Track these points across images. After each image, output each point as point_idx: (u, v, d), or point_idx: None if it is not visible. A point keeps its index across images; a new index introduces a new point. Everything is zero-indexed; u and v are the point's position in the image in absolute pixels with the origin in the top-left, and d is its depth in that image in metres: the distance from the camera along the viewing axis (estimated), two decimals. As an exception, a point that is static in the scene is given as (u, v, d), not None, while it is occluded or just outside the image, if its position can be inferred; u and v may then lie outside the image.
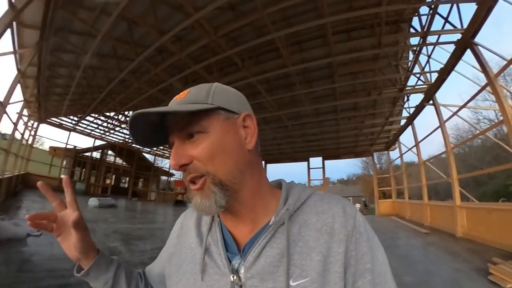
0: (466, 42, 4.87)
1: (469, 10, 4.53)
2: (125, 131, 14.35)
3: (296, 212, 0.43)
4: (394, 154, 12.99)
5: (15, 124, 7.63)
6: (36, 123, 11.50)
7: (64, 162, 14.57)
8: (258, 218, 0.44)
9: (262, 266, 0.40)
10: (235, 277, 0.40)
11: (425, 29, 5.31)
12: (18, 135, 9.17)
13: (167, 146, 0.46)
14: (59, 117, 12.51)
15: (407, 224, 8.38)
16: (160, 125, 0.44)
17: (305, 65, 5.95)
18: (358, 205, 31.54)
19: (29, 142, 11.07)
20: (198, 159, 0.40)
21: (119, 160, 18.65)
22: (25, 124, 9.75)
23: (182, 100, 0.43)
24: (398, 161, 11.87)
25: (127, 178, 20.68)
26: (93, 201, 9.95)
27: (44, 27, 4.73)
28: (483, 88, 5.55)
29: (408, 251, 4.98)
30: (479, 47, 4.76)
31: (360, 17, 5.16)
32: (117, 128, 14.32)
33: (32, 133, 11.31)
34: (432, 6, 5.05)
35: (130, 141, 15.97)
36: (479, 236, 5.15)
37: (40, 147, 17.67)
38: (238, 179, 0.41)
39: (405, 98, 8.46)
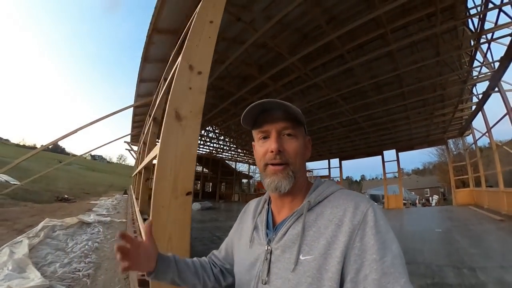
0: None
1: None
2: (210, 144, 16.92)
3: (318, 204, 0.58)
4: (470, 139, 12.37)
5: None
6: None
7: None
8: (294, 204, 0.62)
9: (285, 241, 0.56)
10: (268, 247, 0.59)
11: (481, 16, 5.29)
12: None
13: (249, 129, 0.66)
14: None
15: (482, 212, 8.52)
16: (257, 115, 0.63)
17: (375, 80, 7.51)
18: (436, 197, 28.31)
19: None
20: (288, 152, 0.59)
21: (205, 169, 23.01)
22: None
23: (292, 112, 0.60)
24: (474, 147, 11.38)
25: (210, 184, 25.07)
26: (196, 205, 12.15)
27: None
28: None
29: (470, 226, 5.97)
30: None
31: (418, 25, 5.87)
32: (202, 142, 16.57)
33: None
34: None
35: (214, 152, 19.03)
36: None
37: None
38: (299, 174, 0.61)
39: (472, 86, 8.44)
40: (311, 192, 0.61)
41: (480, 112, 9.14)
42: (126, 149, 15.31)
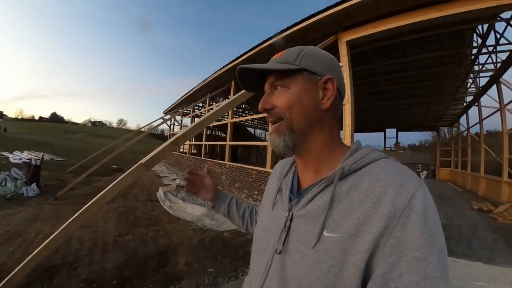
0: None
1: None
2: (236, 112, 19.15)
3: (354, 172, 0.45)
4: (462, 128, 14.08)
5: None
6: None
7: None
8: (321, 170, 0.51)
9: (308, 211, 0.47)
10: (289, 213, 0.51)
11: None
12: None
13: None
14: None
15: (454, 187, 11.40)
16: (262, 75, 0.56)
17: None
18: (425, 172, 32.25)
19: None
20: (278, 107, 0.51)
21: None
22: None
23: (277, 60, 0.52)
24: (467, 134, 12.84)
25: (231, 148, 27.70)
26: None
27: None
28: None
29: (442, 192, 8.76)
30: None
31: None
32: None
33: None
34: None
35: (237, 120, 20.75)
36: (487, 195, 7.97)
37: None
38: (306, 130, 0.50)
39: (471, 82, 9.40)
40: (347, 157, 0.47)
41: (467, 112, 11.42)
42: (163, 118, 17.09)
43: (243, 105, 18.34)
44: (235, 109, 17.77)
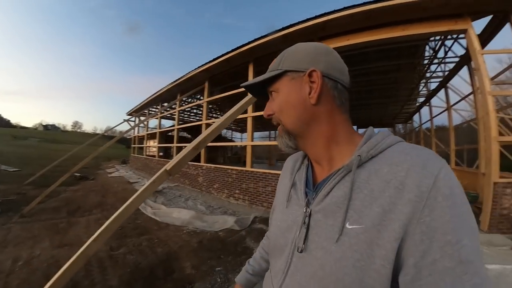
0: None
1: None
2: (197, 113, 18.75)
3: (371, 159, 0.43)
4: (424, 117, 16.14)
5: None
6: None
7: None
8: (334, 162, 0.49)
9: (327, 204, 0.45)
10: (307, 209, 0.48)
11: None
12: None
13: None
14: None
15: None
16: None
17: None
18: None
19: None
20: (275, 112, 0.53)
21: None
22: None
23: (269, 68, 0.55)
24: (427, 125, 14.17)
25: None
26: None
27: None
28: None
29: None
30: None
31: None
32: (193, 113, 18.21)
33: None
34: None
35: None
36: None
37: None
38: (302, 128, 0.50)
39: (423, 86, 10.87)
40: (361, 144, 0.46)
41: (420, 111, 12.99)
42: (130, 120, 16.12)
43: (212, 106, 18.24)
44: (200, 109, 17.43)
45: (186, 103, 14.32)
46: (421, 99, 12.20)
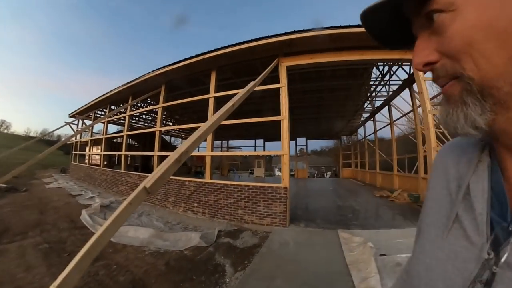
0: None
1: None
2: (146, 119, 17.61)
3: None
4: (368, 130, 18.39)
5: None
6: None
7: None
8: None
9: None
10: (491, 255, 0.25)
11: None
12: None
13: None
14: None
15: (356, 182, 14.63)
16: (400, 20, 0.29)
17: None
18: (329, 173, 39.13)
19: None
20: (445, 54, 0.25)
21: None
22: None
23: None
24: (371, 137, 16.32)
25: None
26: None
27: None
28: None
29: (348, 187, 11.04)
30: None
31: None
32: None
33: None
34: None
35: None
36: (383, 186, 10.77)
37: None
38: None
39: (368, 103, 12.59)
40: None
41: (365, 125, 14.93)
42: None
43: (165, 114, 17.28)
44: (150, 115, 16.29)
45: (136, 107, 13.14)
46: (366, 115, 13.89)
